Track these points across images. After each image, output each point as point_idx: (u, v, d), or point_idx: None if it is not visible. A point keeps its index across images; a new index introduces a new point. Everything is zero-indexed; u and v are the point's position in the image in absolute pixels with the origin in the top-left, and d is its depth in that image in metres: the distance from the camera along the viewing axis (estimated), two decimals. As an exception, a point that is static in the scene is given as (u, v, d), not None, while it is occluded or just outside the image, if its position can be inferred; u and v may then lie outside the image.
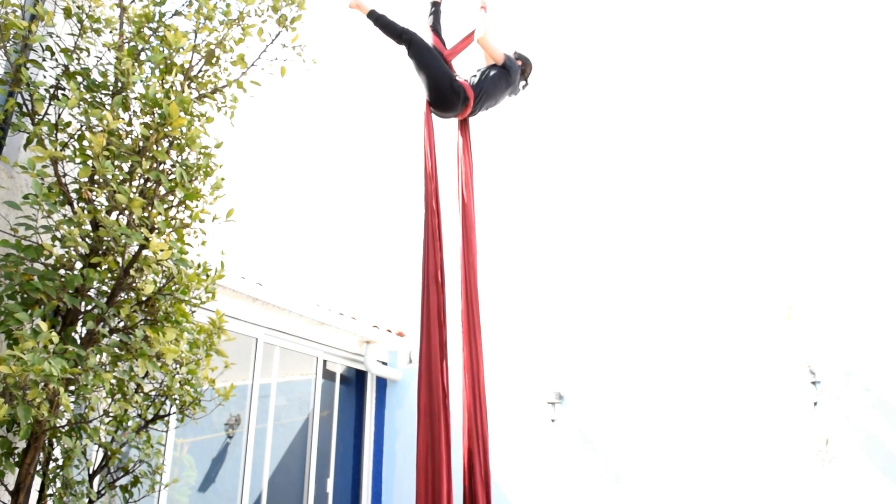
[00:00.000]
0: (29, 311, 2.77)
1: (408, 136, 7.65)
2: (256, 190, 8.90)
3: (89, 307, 3.11)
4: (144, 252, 3.08)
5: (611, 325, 6.92)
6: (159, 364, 3.12)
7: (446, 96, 4.81)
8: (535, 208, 7.70)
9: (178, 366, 3.33)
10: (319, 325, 6.76)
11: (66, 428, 3.04)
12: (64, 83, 3.20)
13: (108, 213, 3.06)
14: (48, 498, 3.08)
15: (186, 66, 3.39)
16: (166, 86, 3.26)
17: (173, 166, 3.23)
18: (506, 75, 4.97)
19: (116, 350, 3.07)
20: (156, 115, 3.07)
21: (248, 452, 5.87)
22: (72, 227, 2.82)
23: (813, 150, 6.47)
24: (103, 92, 3.27)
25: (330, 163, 9.37)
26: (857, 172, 6.23)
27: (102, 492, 3.36)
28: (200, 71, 3.48)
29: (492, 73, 4.95)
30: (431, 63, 4.82)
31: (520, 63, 5.12)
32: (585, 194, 7.47)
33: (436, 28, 5.15)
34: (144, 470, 3.43)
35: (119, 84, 3.21)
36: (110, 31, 3.35)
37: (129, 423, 3.30)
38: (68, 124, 3.15)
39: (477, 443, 4.33)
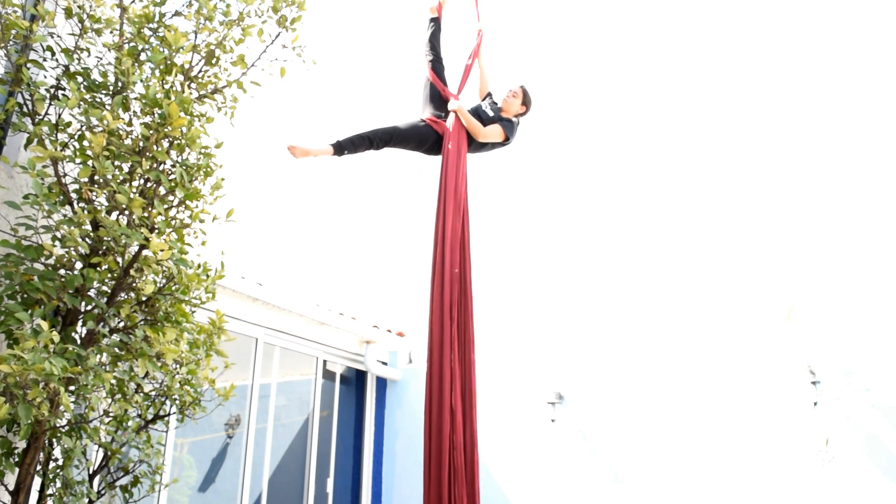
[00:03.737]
0: (29, 311, 2.78)
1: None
2: (256, 190, 8.90)
3: (89, 307, 3.11)
4: (144, 252, 3.08)
5: (611, 326, 6.92)
6: (159, 364, 3.13)
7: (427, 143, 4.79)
8: (536, 209, 7.70)
9: (178, 366, 3.33)
10: (319, 325, 6.76)
11: (66, 428, 3.04)
12: (64, 83, 3.19)
13: (108, 213, 3.06)
14: (48, 498, 3.08)
15: (186, 66, 3.39)
16: (166, 86, 3.26)
17: (173, 166, 3.23)
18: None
19: (116, 350, 3.08)
20: (156, 115, 3.07)
21: (248, 452, 5.87)
22: (72, 227, 2.82)
23: (813, 151, 6.47)
24: (103, 92, 3.27)
25: (329, 163, 9.36)
26: (856, 173, 6.23)
27: (102, 492, 3.36)
28: (200, 71, 3.48)
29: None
30: (407, 135, 4.76)
31: (523, 109, 4.96)
32: (586, 195, 7.47)
33: (434, 62, 4.93)
34: (144, 470, 3.43)
35: (119, 84, 3.21)
36: (111, 32, 3.35)
37: (129, 423, 3.30)
38: (68, 124, 3.15)
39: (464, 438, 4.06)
